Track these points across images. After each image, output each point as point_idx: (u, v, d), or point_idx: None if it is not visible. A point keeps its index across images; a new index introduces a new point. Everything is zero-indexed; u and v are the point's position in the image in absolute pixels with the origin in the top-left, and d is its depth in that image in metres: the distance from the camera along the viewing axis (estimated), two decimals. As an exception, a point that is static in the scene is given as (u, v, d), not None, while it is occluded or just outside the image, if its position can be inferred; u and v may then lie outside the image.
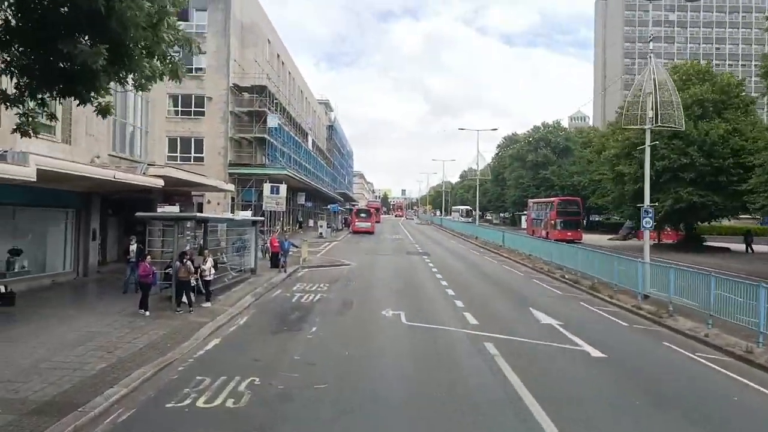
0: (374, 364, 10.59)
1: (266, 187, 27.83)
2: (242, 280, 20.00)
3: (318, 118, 79.15)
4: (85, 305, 14.81)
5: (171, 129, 41.88)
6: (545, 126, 78.00)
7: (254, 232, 22.19)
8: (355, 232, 57.86)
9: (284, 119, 49.00)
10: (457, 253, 37.27)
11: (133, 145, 23.39)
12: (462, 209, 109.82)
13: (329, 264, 27.33)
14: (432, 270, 26.21)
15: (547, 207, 51.50)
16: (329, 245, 40.26)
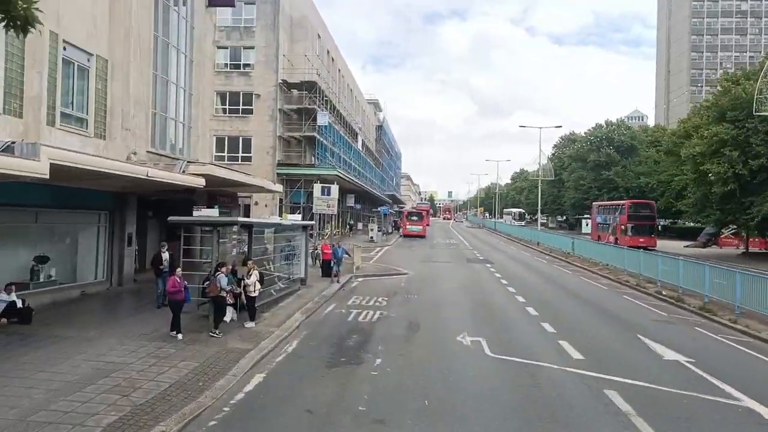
0: (466, 426, 7.84)
1: (316, 188, 25.56)
2: (291, 292, 17.65)
3: (367, 118, 77.06)
4: (111, 324, 12.70)
5: (218, 128, 40.47)
6: (608, 124, 73.12)
7: (304, 237, 19.85)
8: (405, 236, 55.20)
9: (334, 117, 46.91)
10: (522, 261, 33.99)
11: (175, 141, 21.51)
12: (514, 212, 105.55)
13: (384, 273, 24.74)
14: (501, 282, 23.21)
15: (616, 210, 47.33)
16: (381, 250, 37.74)
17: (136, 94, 18.09)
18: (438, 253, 37.96)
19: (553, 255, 37.54)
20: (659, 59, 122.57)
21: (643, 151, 71.10)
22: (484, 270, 27.62)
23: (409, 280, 22.94)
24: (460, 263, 30.95)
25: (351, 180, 46.34)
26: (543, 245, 44.46)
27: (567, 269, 29.56)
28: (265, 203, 39.76)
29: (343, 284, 20.75)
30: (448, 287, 21.39)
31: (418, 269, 26.82)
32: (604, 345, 12.77)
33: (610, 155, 68.79)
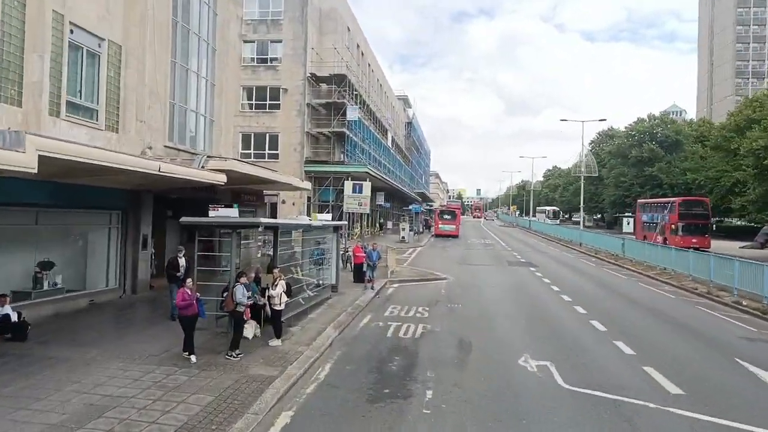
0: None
1: (347, 185, 23.77)
2: (321, 301, 15.83)
3: (396, 114, 75.10)
4: (116, 342, 11.05)
5: (244, 124, 39.06)
6: (650, 118, 69.52)
7: (335, 239, 18.01)
8: (437, 236, 53.07)
9: (363, 113, 45.08)
10: (568, 264, 31.55)
11: (195, 135, 19.92)
12: (548, 210, 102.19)
13: (421, 278, 22.75)
14: (552, 288, 20.99)
15: (665, 208, 44.28)
16: (414, 252, 35.75)
17: (152, 83, 16.51)
18: (475, 254, 35.75)
19: (600, 257, 34.96)
20: (701, 52, 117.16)
21: (688, 146, 67.37)
22: (530, 275, 25.37)
23: (450, 287, 20.90)
24: (502, 266, 28.73)
25: (381, 177, 44.45)
26: (586, 246, 41.83)
27: (619, 273, 27.08)
28: (293, 202, 38.19)
29: (377, 291, 18.85)
30: (494, 295, 19.28)
31: (457, 274, 24.75)
32: (700, 373, 10.54)
33: (654, 150, 65.29)
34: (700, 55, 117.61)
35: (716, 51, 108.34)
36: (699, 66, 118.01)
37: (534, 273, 25.75)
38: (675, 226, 41.68)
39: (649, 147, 65.59)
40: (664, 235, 43.46)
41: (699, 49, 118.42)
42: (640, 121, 70.46)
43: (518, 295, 19.46)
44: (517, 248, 41.92)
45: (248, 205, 24.50)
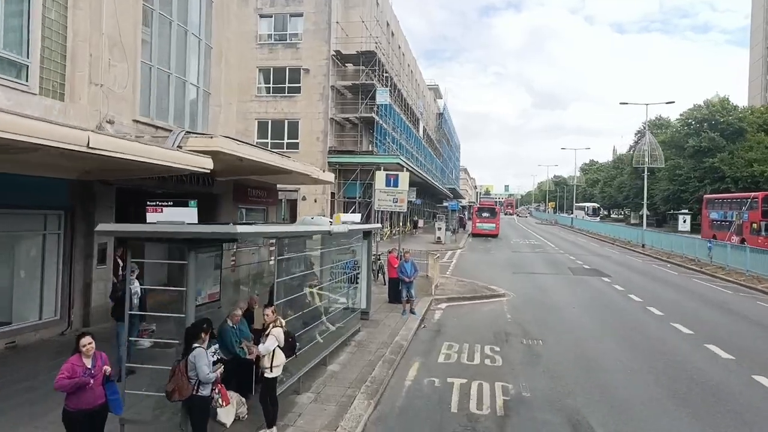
0: None
1: (379, 176, 19.03)
2: (348, 338, 11.15)
3: (427, 104, 70.07)
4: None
5: (260, 110, 34.68)
6: (709, 105, 62.87)
7: (366, 248, 13.27)
8: (475, 235, 47.98)
9: (394, 98, 40.22)
10: (643, 271, 26.22)
11: (184, 111, 15.34)
12: (588, 206, 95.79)
13: (474, 294, 17.84)
14: (653, 312, 15.87)
15: (743, 205, 38.35)
16: (454, 255, 30.83)
17: (114, 32, 11.98)
18: (526, 259, 30.62)
19: (674, 262, 29.52)
20: (754, 36, 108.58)
21: (752, 134, 60.69)
22: (608, 289, 20.23)
23: (514, 308, 15.99)
24: (565, 275, 23.61)
25: (415, 171, 39.57)
26: (650, 248, 36.31)
27: (719, 286, 21.73)
28: (315, 198, 33.66)
29: (422, 318, 14.07)
30: (580, 323, 14.29)
31: (516, 286, 19.79)
32: None
33: (714, 140, 58.79)
34: (753, 37, 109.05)
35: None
36: (751, 49, 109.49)
37: (612, 286, 20.58)
38: (758, 225, 35.78)
39: (709, 136, 59.11)
40: (741, 236, 37.58)
41: (752, 33, 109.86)
42: (697, 108, 63.85)
43: (613, 322, 14.41)
44: (571, 250, 36.59)
45: (256, 203, 20.00)
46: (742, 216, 38.10)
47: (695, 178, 60.30)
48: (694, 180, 60.36)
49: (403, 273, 14.47)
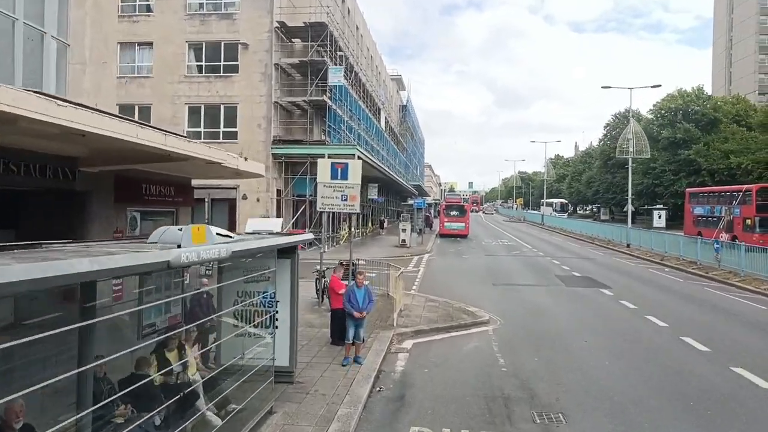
0: None
1: (322, 165, 14.22)
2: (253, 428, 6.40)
3: (390, 95, 65.54)
4: None
5: (191, 93, 29.41)
6: (682, 94, 60.38)
7: (288, 273, 8.50)
8: (443, 235, 43.72)
9: (351, 82, 35.48)
10: (646, 280, 22.24)
11: (14, 64, 10.20)
12: (555, 202, 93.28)
13: (448, 324, 13.23)
14: (699, 349, 11.59)
15: (733, 199, 35.18)
16: (421, 262, 26.34)
17: None
18: (503, 264, 26.41)
19: (671, 265, 25.82)
20: (716, 29, 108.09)
21: (726, 125, 58.47)
22: (615, 306, 16.03)
23: (507, 344, 11.55)
24: (555, 287, 19.38)
25: (376, 164, 34.94)
26: (636, 248, 32.71)
27: (742, 297, 17.85)
28: (257, 196, 28.68)
29: (376, 373, 9.42)
30: (604, 368, 9.89)
31: (502, 306, 15.41)
32: None
33: (689, 131, 56.23)
34: (715, 32, 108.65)
35: (736, 23, 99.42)
36: (714, 45, 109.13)
37: (619, 302, 16.36)
38: (752, 221, 32.58)
39: (684, 127, 56.53)
40: (731, 233, 34.37)
41: (714, 27, 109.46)
42: (670, 98, 61.30)
43: (652, 367, 10.02)
44: (551, 252, 32.63)
45: (157, 204, 14.97)
46: (732, 211, 34.91)
47: (670, 171, 57.69)
48: (668, 173, 57.74)
49: (352, 304, 9.79)
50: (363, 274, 10.52)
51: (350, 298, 9.75)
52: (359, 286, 9.86)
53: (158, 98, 29.24)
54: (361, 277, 10.24)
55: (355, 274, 10.71)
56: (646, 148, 38.82)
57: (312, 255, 26.84)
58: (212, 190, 27.45)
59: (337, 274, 11.13)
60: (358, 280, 10.02)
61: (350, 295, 9.77)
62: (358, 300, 9.73)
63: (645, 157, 40.55)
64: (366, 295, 9.89)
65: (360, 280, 10.05)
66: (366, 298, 9.87)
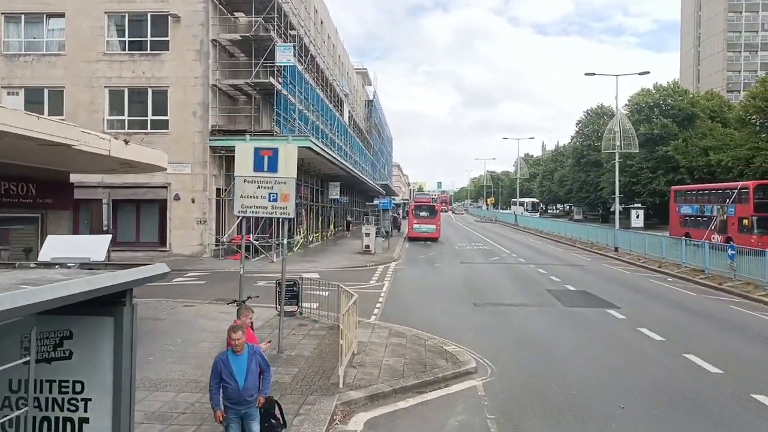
0: None
1: (241, 152, 10.03)
2: None
3: (354, 89, 61.42)
4: None
5: (111, 74, 24.72)
6: (659, 89, 58.06)
7: (117, 340, 4.32)
8: (412, 239, 39.86)
9: (306, 66, 31.25)
10: (653, 294, 18.69)
11: None
12: (526, 202, 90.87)
13: (419, 379, 9.18)
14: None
15: (726, 197, 32.30)
16: (385, 273, 22.32)
17: None
18: (483, 275, 22.65)
19: (668, 271, 22.50)
20: (684, 26, 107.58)
21: (703, 121, 56.42)
22: (635, 337, 12.32)
23: (506, 414, 7.67)
24: (552, 308, 15.61)
25: (335, 159, 30.77)
26: (630, 253, 29.46)
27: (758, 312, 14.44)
28: (192, 196, 24.27)
29: None
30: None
31: (490, 341, 11.57)
32: None
33: (667, 126, 53.87)
34: (683, 30, 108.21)
35: (704, 20, 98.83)
36: (682, 42, 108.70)
37: (638, 330, 12.62)
38: (749, 220, 29.69)
39: (661, 122, 54.14)
40: (725, 234, 31.50)
41: (682, 24, 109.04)
42: (645, 93, 58.92)
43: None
44: (533, 258, 29.06)
45: (13, 207, 10.53)
46: (726, 210, 32.02)
47: (648, 168, 55.23)
48: (646, 171, 55.30)
49: (226, 386, 5.54)
50: (249, 315, 6.47)
51: (221, 373, 5.53)
52: (238, 348, 5.62)
53: (72, 80, 24.49)
54: (246, 319, 6.20)
55: (238, 312, 6.65)
56: (634, 141, 35.63)
57: (258, 267, 22.63)
58: (129, 189, 22.98)
59: (242, 321, 6.91)
60: (236, 344, 5.56)
61: (220, 367, 5.55)
62: (236, 378, 5.51)
63: (633, 152, 37.32)
64: (252, 365, 5.66)
65: (237, 340, 5.66)
66: (253, 370, 5.65)
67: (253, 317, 7.16)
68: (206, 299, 15.49)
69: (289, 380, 8.72)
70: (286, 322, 12.89)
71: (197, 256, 24.20)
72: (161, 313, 13.50)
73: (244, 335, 5.73)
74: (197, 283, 18.66)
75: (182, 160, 24.19)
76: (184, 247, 24.24)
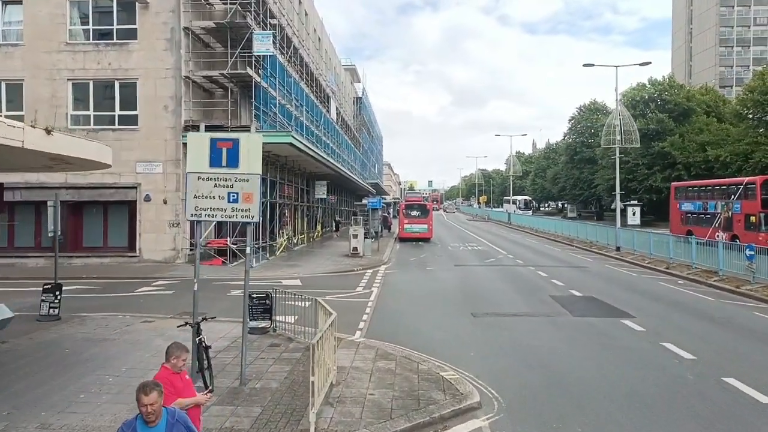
0: None
1: (194, 143, 8.37)
2: None
3: (343, 85, 59.54)
4: None
5: (75, 66, 22.79)
6: (654, 83, 56.75)
7: None
8: (403, 239, 38.19)
9: (288, 57, 29.46)
10: (670, 300, 17.04)
11: None
12: (519, 200, 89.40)
13: (410, 422, 7.47)
14: None
15: (731, 193, 30.90)
16: (373, 279, 20.56)
17: None
18: (480, 279, 20.98)
19: (676, 273, 20.94)
20: (676, 21, 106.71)
21: (698, 116, 55.21)
22: (654, 350, 10.73)
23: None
24: (559, 318, 13.95)
25: (319, 156, 28.98)
26: (634, 252, 27.92)
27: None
28: (164, 197, 22.42)
29: None
30: None
31: (492, 362, 9.93)
32: None
33: (663, 121, 52.56)
34: (675, 25, 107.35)
35: (696, 12, 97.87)
36: (673, 37, 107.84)
37: (663, 346, 10.97)
38: (756, 218, 28.27)
39: (657, 117, 52.81)
40: (730, 231, 30.12)
41: (674, 19, 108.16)
42: (640, 87, 57.59)
43: None
44: (531, 259, 27.44)
45: None
46: (731, 207, 30.60)
47: (644, 164, 53.91)
48: (642, 167, 53.99)
49: None
50: (182, 357, 4.80)
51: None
52: (150, 419, 3.87)
53: (32, 72, 22.53)
54: (178, 362, 4.54)
55: (167, 352, 4.97)
56: (636, 135, 34.14)
57: (235, 273, 20.82)
58: (95, 190, 21.14)
59: (171, 364, 5.11)
60: (145, 407, 3.88)
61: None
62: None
63: (635, 146, 35.84)
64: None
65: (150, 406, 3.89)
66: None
67: (187, 362, 5.35)
68: (170, 313, 13.68)
69: (248, 426, 6.97)
70: (257, 341, 11.16)
71: (170, 261, 22.33)
72: (112, 332, 11.68)
73: (160, 398, 3.97)
74: (164, 293, 16.82)
75: (153, 159, 22.36)
76: (156, 252, 22.37)
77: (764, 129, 46.84)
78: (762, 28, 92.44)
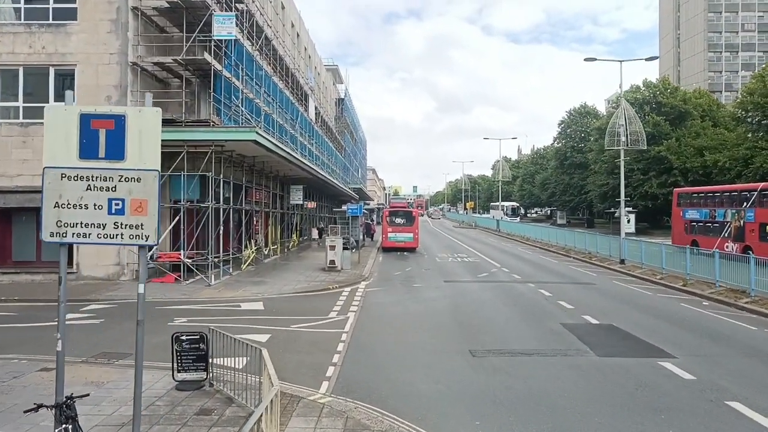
0: None
1: (52, 124, 5.52)
2: None
3: (324, 86, 56.60)
4: None
5: (4, 50, 19.56)
6: (648, 85, 54.67)
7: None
8: (386, 249, 35.27)
9: (258, 46, 26.43)
10: (712, 332, 14.21)
11: None
12: (506, 206, 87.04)
13: None
14: None
15: (742, 201, 28.48)
16: (350, 302, 17.54)
17: None
18: (474, 299, 18.09)
19: (696, 291, 18.30)
20: (663, 15, 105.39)
21: (694, 119, 53.26)
22: (727, 417, 7.85)
23: None
24: (578, 357, 11.11)
25: (290, 157, 25.90)
26: (642, 266, 25.28)
27: None
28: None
29: None
30: None
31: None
32: None
33: (659, 125, 50.41)
34: (662, 30, 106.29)
35: (683, 23, 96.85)
36: (661, 42, 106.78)
37: (734, 409, 8.18)
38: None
39: (653, 120, 50.66)
40: (742, 242, 27.67)
41: (660, 24, 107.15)
42: (634, 89, 55.48)
43: None
44: (527, 272, 24.65)
45: None
46: (743, 215, 28.15)
47: (638, 170, 51.68)
48: (637, 172, 51.74)
49: None
50: None
51: None
52: None
53: (-49, 56, 19.20)
54: None
55: None
56: (642, 137, 31.66)
57: (188, 293, 17.57)
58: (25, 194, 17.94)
59: None
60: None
61: None
62: None
63: (642, 148, 33.39)
64: None
65: None
66: None
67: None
68: (85, 354, 10.57)
69: None
70: (184, 403, 8.11)
71: (113, 279, 19.11)
72: (-15, 390, 8.51)
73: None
74: (91, 322, 13.63)
75: (95, 158, 19.13)
76: (97, 268, 19.14)
77: (764, 133, 44.86)
78: (750, 33, 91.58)
